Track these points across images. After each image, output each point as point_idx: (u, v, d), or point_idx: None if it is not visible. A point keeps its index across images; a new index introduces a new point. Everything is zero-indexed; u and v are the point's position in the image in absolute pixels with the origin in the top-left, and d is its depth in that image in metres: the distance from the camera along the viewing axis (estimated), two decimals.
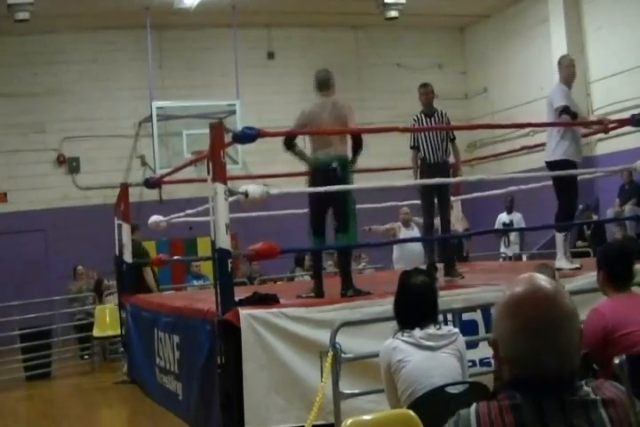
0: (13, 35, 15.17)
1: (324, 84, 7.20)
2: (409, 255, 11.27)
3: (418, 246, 11.02)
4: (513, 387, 1.78)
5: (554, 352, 1.76)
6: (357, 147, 6.99)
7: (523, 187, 8.81)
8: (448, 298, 6.17)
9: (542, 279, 1.85)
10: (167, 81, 16.09)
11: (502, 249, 14.21)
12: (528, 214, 14.19)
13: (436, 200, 8.10)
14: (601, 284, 4.32)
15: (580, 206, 14.12)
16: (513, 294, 1.82)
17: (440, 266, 8.28)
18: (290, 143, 6.97)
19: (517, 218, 14.14)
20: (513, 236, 14.21)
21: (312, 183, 6.93)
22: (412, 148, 8.25)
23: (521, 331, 1.76)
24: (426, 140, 8.07)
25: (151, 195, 15.12)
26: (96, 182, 15.94)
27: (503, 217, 14.34)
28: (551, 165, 7.83)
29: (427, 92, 8.26)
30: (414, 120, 8.30)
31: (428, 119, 8.14)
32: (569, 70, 7.96)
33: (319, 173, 6.82)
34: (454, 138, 8.23)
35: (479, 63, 18.25)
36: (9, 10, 13.36)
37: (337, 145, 6.83)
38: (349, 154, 6.97)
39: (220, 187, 6.11)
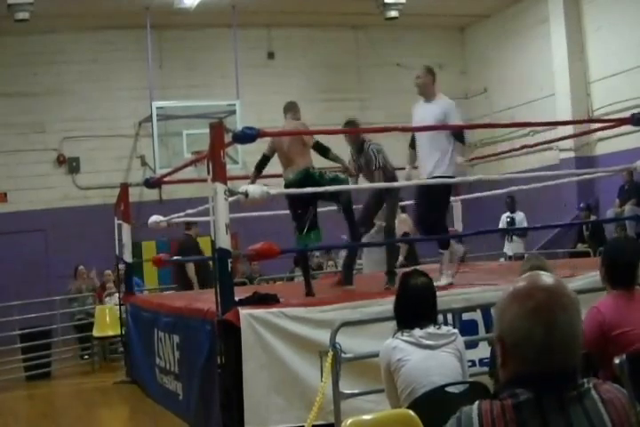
0: (13, 35, 15.17)
1: (287, 109, 7.70)
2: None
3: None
4: (515, 384, 1.77)
5: (559, 338, 1.75)
6: (322, 151, 7.33)
7: (523, 187, 8.80)
8: (448, 298, 6.18)
9: (545, 274, 1.86)
10: (167, 81, 16.08)
11: (505, 248, 14.21)
12: (528, 214, 14.21)
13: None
14: (602, 280, 4.32)
15: (581, 205, 14.15)
16: (520, 284, 1.83)
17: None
18: (260, 168, 7.59)
19: (520, 217, 14.16)
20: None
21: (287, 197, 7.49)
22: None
23: (529, 314, 1.76)
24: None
25: (151, 195, 15.11)
26: (96, 182, 15.94)
27: (507, 214, 14.38)
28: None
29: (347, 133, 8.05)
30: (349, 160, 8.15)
31: (359, 156, 7.98)
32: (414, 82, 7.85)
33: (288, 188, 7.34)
34: (380, 167, 7.84)
35: (479, 63, 18.25)
36: (9, 10, 13.35)
37: (298, 162, 7.25)
38: (313, 163, 7.37)
39: (219, 187, 6.11)
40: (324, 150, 7.30)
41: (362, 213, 8.05)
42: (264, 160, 7.53)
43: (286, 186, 7.33)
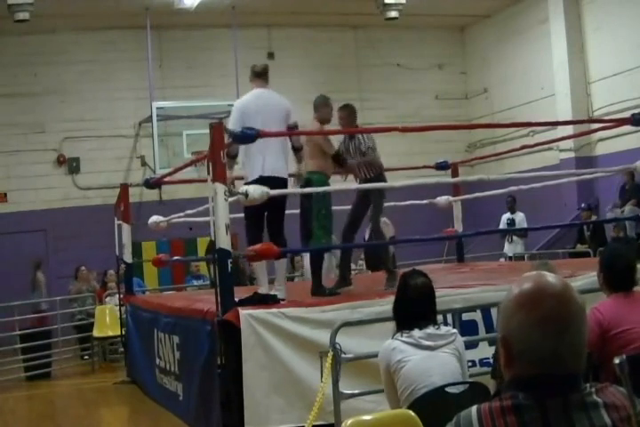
0: (13, 35, 15.16)
1: (314, 107, 7.59)
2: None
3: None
4: (517, 386, 1.76)
5: (568, 346, 1.74)
6: (339, 163, 7.47)
7: (523, 187, 8.80)
8: (448, 298, 6.17)
9: (551, 276, 1.83)
10: (167, 81, 16.09)
11: (505, 248, 14.21)
12: (528, 215, 14.21)
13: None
14: (601, 285, 4.35)
15: (582, 205, 14.15)
16: (527, 287, 1.79)
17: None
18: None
19: (520, 218, 14.16)
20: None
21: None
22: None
23: (538, 322, 1.74)
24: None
25: (151, 195, 15.12)
26: (96, 183, 15.94)
27: (507, 215, 14.39)
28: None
29: (340, 117, 7.74)
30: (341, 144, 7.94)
31: (350, 142, 7.72)
32: None
33: None
34: (370, 147, 7.62)
35: (479, 63, 18.25)
36: (9, 10, 13.34)
37: (307, 161, 7.28)
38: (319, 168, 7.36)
39: (219, 187, 6.11)
40: (341, 163, 7.42)
41: (350, 214, 7.87)
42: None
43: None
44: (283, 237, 7.01)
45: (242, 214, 9.00)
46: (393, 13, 15.39)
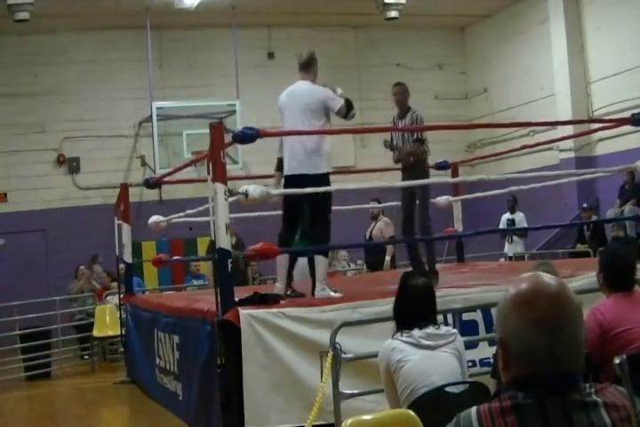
0: (13, 35, 15.16)
1: None
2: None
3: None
4: (516, 386, 1.76)
5: (564, 346, 1.74)
6: None
7: (523, 187, 8.79)
8: (448, 298, 6.17)
9: (547, 276, 1.83)
10: (167, 81, 16.09)
11: (505, 248, 14.20)
12: (528, 214, 14.21)
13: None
14: (601, 285, 4.35)
15: (584, 205, 14.15)
16: (522, 288, 1.80)
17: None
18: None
19: (520, 217, 14.16)
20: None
21: None
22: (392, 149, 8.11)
23: (534, 322, 1.74)
24: (395, 142, 7.93)
25: (151, 195, 15.12)
26: (96, 182, 15.94)
27: (507, 215, 14.39)
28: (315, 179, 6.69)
29: (394, 93, 8.04)
30: (391, 122, 8.09)
31: (400, 121, 7.97)
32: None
33: None
34: (419, 139, 7.82)
35: (479, 63, 18.25)
36: (9, 10, 13.34)
37: None
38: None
39: (219, 187, 6.11)
40: None
41: (402, 216, 7.89)
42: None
43: None
44: (316, 236, 6.92)
45: (241, 214, 9.04)
46: (393, 13, 15.39)
